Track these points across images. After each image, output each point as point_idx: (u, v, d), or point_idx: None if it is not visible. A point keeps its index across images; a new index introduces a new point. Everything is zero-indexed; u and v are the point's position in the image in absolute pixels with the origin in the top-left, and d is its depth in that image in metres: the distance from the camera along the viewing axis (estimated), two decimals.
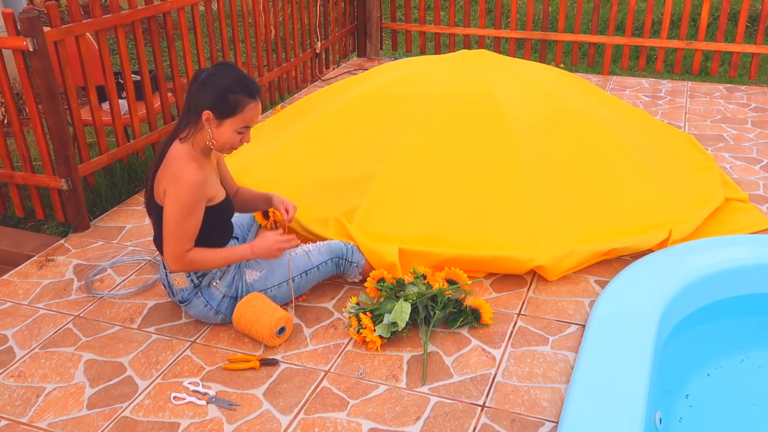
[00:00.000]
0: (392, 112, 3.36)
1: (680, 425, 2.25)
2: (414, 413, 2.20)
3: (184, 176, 2.34)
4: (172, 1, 3.89)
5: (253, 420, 2.20)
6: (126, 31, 4.09)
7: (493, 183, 3.04)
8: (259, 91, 2.41)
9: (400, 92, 3.46)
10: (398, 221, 2.98)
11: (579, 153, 3.20)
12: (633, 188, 3.15)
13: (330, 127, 3.49)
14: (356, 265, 2.79)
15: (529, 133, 3.19)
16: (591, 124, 3.34)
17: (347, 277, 2.85)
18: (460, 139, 3.17)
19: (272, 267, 2.64)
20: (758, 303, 2.86)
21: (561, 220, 2.97)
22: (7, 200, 3.70)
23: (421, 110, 3.30)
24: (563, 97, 3.45)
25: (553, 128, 3.26)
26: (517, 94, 3.36)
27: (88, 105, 3.59)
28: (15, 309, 2.82)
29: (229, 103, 2.35)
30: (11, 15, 3.04)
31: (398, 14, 7.38)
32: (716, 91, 5.19)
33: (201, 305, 2.57)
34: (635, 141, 3.42)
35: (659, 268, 2.82)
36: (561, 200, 3.03)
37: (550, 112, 3.33)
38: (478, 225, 2.94)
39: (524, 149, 3.12)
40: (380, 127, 3.33)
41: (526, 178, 3.04)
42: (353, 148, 3.31)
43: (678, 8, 6.62)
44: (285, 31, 5.16)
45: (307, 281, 2.70)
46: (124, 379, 2.40)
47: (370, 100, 3.51)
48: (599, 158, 3.22)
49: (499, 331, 2.58)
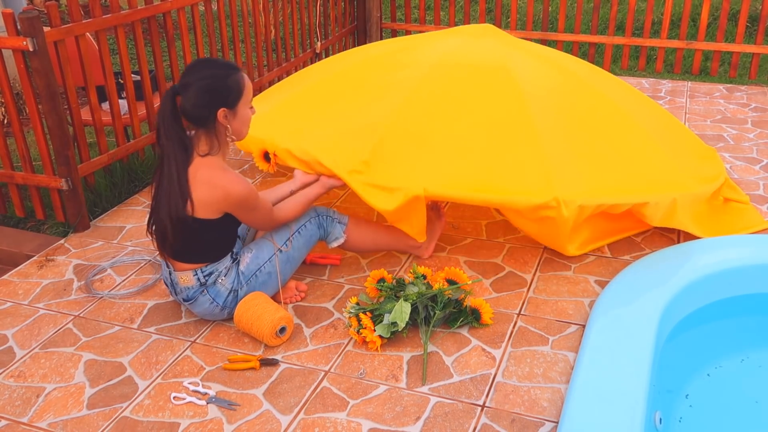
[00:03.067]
0: (398, 72, 3.32)
1: (680, 425, 2.25)
2: (414, 413, 2.20)
3: (233, 190, 2.40)
4: (172, 1, 3.89)
5: (253, 420, 2.20)
6: (126, 31, 4.09)
7: (504, 134, 2.99)
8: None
9: (407, 56, 3.43)
10: (406, 171, 2.91)
11: (588, 114, 3.18)
12: (641, 154, 3.12)
13: (338, 82, 3.44)
14: (338, 222, 2.79)
15: (538, 93, 3.16)
16: (599, 92, 3.33)
17: (329, 243, 2.82)
18: (469, 96, 3.13)
19: (259, 245, 2.64)
20: (758, 303, 2.86)
21: (573, 172, 2.93)
22: (7, 200, 3.70)
23: (429, 69, 3.25)
24: (570, 67, 3.45)
25: (561, 90, 3.24)
26: (524, 60, 3.35)
27: (88, 105, 3.59)
28: (15, 309, 2.82)
29: (232, 87, 2.37)
30: (11, 15, 3.04)
31: (398, 14, 7.38)
32: (716, 91, 5.19)
33: (207, 302, 2.57)
34: (643, 116, 3.41)
35: (659, 268, 2.82)
36: (572, 154, 2.99)
37: (558, 75, 3.32)
38: (489, 171, 2.90)
39: (534, 106, 3.09)
40: (388, 82, 3.28)
41: (537, 131, 2.99)
42: (359, 101, 3.25)
43: (678, 8, 6.62)
44: (285, 31, 5.16)
45: (294, 249, 2.69)
46: (124, 379, 2.40)
47: (378, 61, 3.47)
48: (609, 122, 3.19)
49: (499, 331, 2.58)
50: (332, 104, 3.30)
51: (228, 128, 2.43)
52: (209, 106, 2.36)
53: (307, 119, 3.27)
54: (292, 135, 3.12)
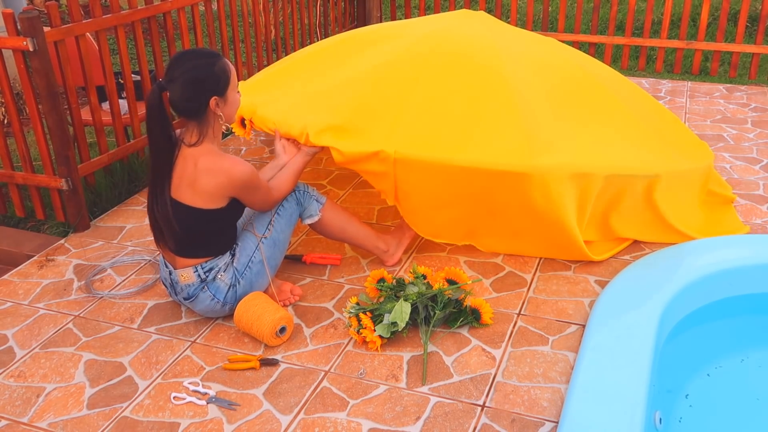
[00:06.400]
0: (382, 45, 3.32)
1: (680, 425, 2.26)
2: (414, 413, 2.20)
3: (236, 171, 2.42)
4: (172, 1, 3.89)
5: (253, 420, 2.20)
6: (126, 31, 4.09)
7: (484, 102, 2.97)
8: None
9: (393, 31, 3.44)
10: (380, 134, 2.90)
11: (574, 88, 3.16)
12: (628, 130, 3.11)
13: (319, 56, 3.46)
14: (316, 200, 2.81)
15: (523, 68, 3.14)
16: (587, 70, 3.31)
17: (304, 219, 2.81)
18: (450, 68, 3.11)
19: (242, 237, 2.65)
20: (758, 303, 2.86)
21: (556, 139, 2.90)
22: (7, 200, 3.70)
23: (411, 42, 3.25)
24: (558, 49, 3.44)
25: (545, 68, 3.21)
26: (512, 39, 3.34)
27: (88, 105, 3.59)
28: (15, 309, 2.82)
29: (219, 75, 2.40)
30: (11, 15, 3.04)
31: (398, 14, 7.38)
32: (716, 91, 5.19)
33: (208, 299, 2.57)
34: (632, 98, 3.38)
35: (659, 268, 2.82)
36: (556, 123, 2.97)
37: (545, 56, 3.30)
38: (469, 133, 2.87)
39: (516, 78, 3.07)
40: (370, 53, 3.28)
41: (518, 101, 2.97)
42: (337, 69, 3.25)
43: (678, 8, 6.62)
44: (285, 31, 5.16)
45: (277, 232, 2.69)
46: (124, 379, 2.40)
47: (362, 37, 3.48)
48: (595, 97, 3.17)
49: (499, 331, 2.58)
50: (310, 74, 3.32)
51: (221, 116, 2.45)
52: (200, 96, 2.38)
53: (283, 87, 3.29)
54: (268, 102, 3.13)
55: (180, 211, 2.46)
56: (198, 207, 2.44)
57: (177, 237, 2.50)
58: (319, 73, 3.31)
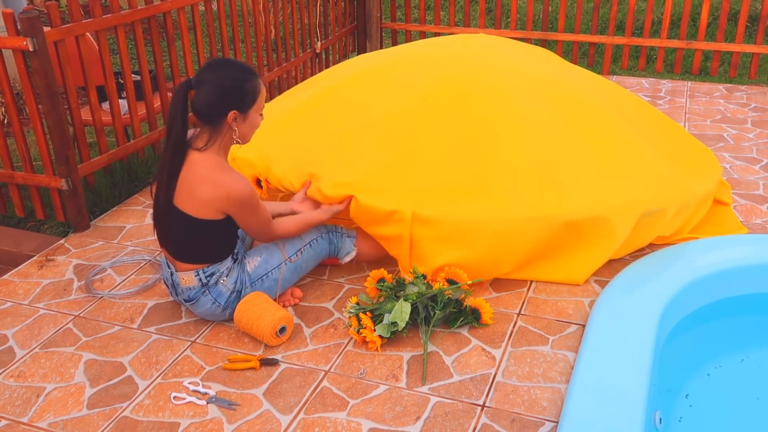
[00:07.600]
0: (390, 87, 3.26)
1: (680, 425, 2.26)
2: (414, 413, 2.20)
3: (235, 189, 2.39)
4: (172, 1, 3.89)
5: (253, 420, 2.20)
6: (126, 31, 4.10)
7: (498, 147, 2.94)
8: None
9: (396, 70, 3.37)
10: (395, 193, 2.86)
11: (584, 124, 3.12)
12: (636, 166, 3.06)
13: (326, 100, 3.38)
14: (348, 236, 2.82)
15: (527, 93, 3.12)
16: (595, 101, 3.26)
17: (341, 259, 2.84)
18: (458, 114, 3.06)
19: (270, 251, 2.66)
20: (758, 303, 2.86)
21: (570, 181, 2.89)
22: (7, 200, 3.70)
23: (420, 86, 3.19)
24: (561, 69, 3.41)
25: (554, 99, 3.17)
26: (513, 70, 3.28)
27: (88, 105, 3.59)
28: (15, 309, 2.82)
29: (248, 92, 2.39)
30: (11, 15, 3.04)
31: (398, 14, 7.39)
32: (716, 91, 5.19)
33: (209, 303, 2.57)
34: (637, 126, 3.35)
35: (659, 268, 2.82)
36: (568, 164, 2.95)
37: (551, 82, 3.26)
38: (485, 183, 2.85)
39: (521, 105, 3.05)
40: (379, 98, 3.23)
41: (531, 144, 2.95)
42: (347, 121, 3.19)
43: (678, 8, 6.62)
44: (285, 31, 5.16)
45: (303, 261, 2.72)
46: (124, 379, 2.40)
47: (368, 76, 3.41)
48: (604, 132, 3.13)
49: (499, 331, 2.58)
50: (321, 122, 3.25)
51: (235, 131, 2.43)
52: (221, 106, 2.37)
53: (295, 140, 3.22)
54: (282, 157, 3.11)
55: (178, 218, 2.46)
56: (194, 216, 2.43)
57: (176, 243, 2.50)
58: (329, 122, 3.23)
